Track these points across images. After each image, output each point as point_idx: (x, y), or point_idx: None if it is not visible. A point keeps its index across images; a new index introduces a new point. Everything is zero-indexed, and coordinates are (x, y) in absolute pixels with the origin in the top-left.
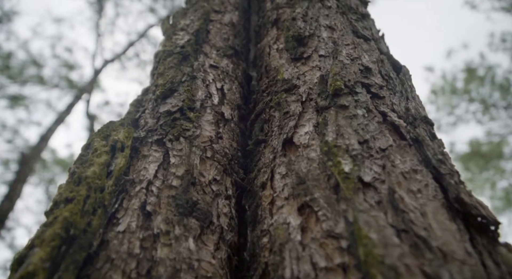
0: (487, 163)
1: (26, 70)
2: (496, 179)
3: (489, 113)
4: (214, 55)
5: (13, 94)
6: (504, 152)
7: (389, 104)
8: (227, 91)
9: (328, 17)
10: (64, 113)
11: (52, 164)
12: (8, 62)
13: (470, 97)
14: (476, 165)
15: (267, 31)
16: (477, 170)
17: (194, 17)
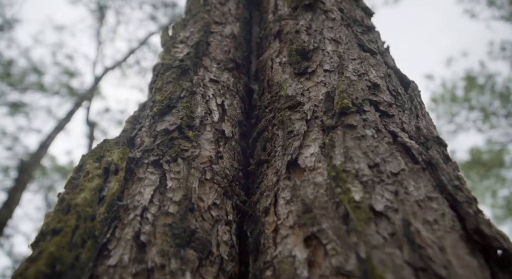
0: (488, 171)
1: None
2: (497, 188)
3: (490, 121)
4: (215, 69)
5: (14, 101)
6: (505, 160)
7: (398, 122)
8: (228, 106)
9: (333, 29)
10: (64, 120)
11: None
12: (9, 69)
13: (470, 105)
14: (477, 174)
15: (269, 43)
16: (478, 178)
17: (194, 29)
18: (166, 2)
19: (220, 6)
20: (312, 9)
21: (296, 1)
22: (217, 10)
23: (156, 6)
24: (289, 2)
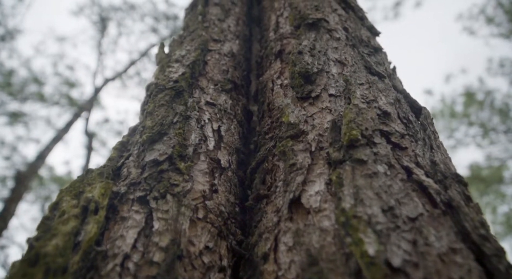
0: (488, 187)
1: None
2: (497, 204)
3: (489, 137)
4: (211, 90)
5: (13, 111)
6: (505, 176)
7: (412, 156)
8: (225, 132)
9: (337, 50)
10: (63, 131)
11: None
12: (10, 79)
13: (470, 121)
14: (476, 190)
15: (270, 63)
16: (478, 194)
17: (191, 47)
18: (167, 14)
19: (219, 22)
20: (316, 28)
21: (299, 19)
22: (216, 27)
23: (157, 19)
24: (291, 20)
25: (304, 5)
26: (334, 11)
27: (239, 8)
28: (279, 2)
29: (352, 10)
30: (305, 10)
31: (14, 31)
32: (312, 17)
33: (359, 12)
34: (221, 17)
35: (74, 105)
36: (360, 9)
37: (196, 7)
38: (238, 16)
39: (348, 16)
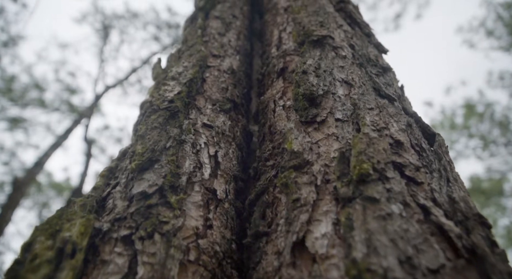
0: (488, 200)
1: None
2: (497, 217)
3: (489, 149)
4: (209, 111)
5: (13, 117)
6: (505, 189)
7: (428, 191)
8: (222, 158)
9: (344, 69)
10: (62, 138)
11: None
12: (11, 85)
13: (470, 133)
14: (477, 202)
15: (271, 81)
16: (478, 207)
17: (189, 63)
18: (169, 23)
19: (219, 37)
20: (321, 45)
21: (303, 36)
22: (216, 42)
23: (159, 27)
24: (294, 36)
25: (308, 20)
26: (339, 27)
27: (240, 22)
28: (282, 17)
29: (358, 26)
30: (309, 26)
31: (17, 37)
32: (317, 34)
33: (365, 28)
34: (222, 31)
35: (74, 112)
36: (366, 25)
37: (196, 20)
38: (239, 30)
39: (354, 33)
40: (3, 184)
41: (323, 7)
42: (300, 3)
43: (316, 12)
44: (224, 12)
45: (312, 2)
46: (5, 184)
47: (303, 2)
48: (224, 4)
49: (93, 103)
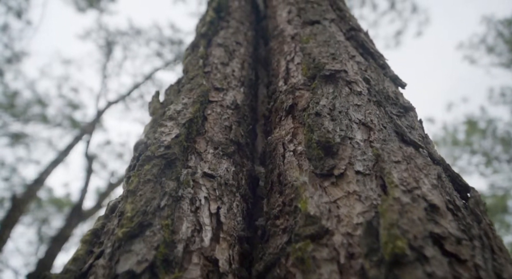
0: (492, 217)
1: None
2: (502, 234)
3: (492, 166)
4: (210, 156)
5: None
6: (509, 206)
7: (472, 269)
8: (225, 215)
9: (360, 108)
10: (62, 154)
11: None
12: (13, 100)
13: (472, 149)
14: None
15: (279, 119)
16: None
17: (189, 99)
18: (172, 39)
19: (222, 67)
20: (334, 80)
21: (313, 69)
22: (218, 73)
23: (162, 43)
24: (304, 69)
25: (319, 51)
26: (352, 58)
27: (244, 49)
28: (289, 46)
29: (372, 57)
30: (320, 58)
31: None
32: (330, 68)
33: (379, 59)
34: (225, 60)
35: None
36: (380, 55)
37: (197, 47)
38: (243, 58)
39: (368, 65)
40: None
41: (333, 36)
42: (308, 31)
43: (327, 42)
44: (228, 39)
45: (321, 30)
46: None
47: (311, 30)
48: (228, 30)
49: (95, 119)
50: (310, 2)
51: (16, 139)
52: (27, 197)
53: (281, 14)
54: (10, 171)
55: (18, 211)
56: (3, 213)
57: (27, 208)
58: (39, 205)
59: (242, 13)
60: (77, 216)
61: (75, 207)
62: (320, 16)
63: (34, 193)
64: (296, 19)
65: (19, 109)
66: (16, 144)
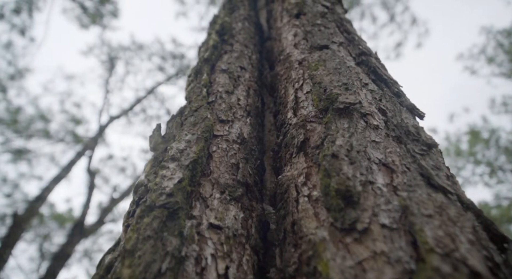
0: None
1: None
2: None
3: (497, 176)
4: (217, 202)
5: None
6: None
7: None
8: (234, 276)
9: (379, 145)
10: (64, 171)
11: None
12: (16, 116)
13: (476, 160)
14: None
15: (290, 156)
16: None
17: (192, 135)
18: (174, 54)
19: (226, 96)
20: (348, 114)
21: (325, 101)
22: (223, 103)
23: (164, 58)
24: (315, 101)
25: (329, 80)
26: (364, 87)
27: (249, 74)
28: (297, 72)
29: (385, 84)
30: (332, 88)
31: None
32: (344, 101)
33: (393, 86)
34: (229, 88)
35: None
36: (394, 82)
37: (200, 74)
38: (249, 84)
39: (382, 93)
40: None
41: (343, 62)
42: (316, 56)
43: (337, 69)
44: (232, 64)
45: (330, 55)
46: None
47: (320, 56)
48: (231, 54)
49: (97, 134)
50: (317, 25)
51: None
52: (28, 214)
53: (287, 37)
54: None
55: (19, 229)
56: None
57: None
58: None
59: (246, 35)
60: (78, 234)
61: (77, 224)
62: (328, 40)
63: (36, 210)
64: (303, 43)
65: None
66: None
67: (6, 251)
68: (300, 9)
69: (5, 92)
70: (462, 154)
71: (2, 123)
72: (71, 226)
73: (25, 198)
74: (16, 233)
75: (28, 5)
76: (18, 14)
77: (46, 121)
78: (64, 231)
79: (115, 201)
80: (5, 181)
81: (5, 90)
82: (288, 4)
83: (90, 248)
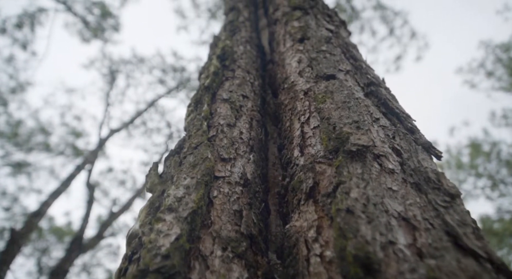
0: (501, 241)
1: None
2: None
3: (498, 189)
4: (218, 262)
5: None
6: None
7: None
8: None
9: (397, 195)
10: (63, 185)
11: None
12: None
13: (477, 173)
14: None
15: (298, 202)
16: None
17: (192, 179)
18: (175, 67)
19: (228, 129)
20: (361, 157)
21: (335, 141)
22: (225, 138)
23: (165, 71)
24: (324, 140)
25: (339, 116)
26: (376, 122)
27: (252, 102)
28: (302, 104)
29: (397, 118)
30: (341, 125)
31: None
32: (355, 143)
33: (406, 121)
34: (231, 120)
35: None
36: (407, 116)
37: (201, 104)
38: (251, 114)
39: (395, 130)
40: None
41: (351, 93)
42: (323, 87)
43: (346, 102)
44: (234, 93)
45: (338, 87)
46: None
47: (327, 86)
48: (233, 81)
49: (97, 147)
50: (322, 51)
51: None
52: (26, 230)
53: (291, 63)
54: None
55: (16, 246)
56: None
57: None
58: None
59: (248, 60)
60: (77, 249)
61: (75, 239)
62: (334, 68)
63: (34, 226)
64: (308, 71)
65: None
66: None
67: (3, 268)
68: (304, 33)
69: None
70: (463, 167)
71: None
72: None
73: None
74: (13, 250)
75: (31, 19)
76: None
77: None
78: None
79: (114, 215)
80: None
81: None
82: (291, 27)
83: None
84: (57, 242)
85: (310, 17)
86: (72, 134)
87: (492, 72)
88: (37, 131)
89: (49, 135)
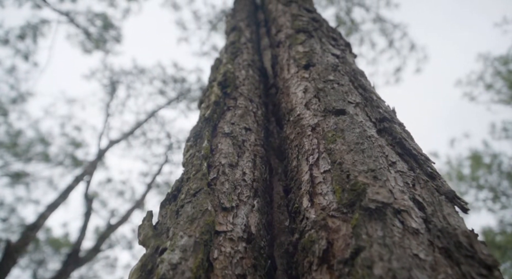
0: (504, 254)
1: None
2: None
3: (500, 201)
4: None
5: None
6: None
7: None
8: None
9: (425, 264)
10: (61, 197)
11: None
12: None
13: (479, 185)
14: None
15: (310, 266)
16: None
17: (189, 238)
18: (175, 77)
19: (230, 170)
20: (381, 215)
21: (350, 193)
22: (226, 181)
23: (166, 82)
24: (338, 191)
25: (352, 161)
26: (392, 167)
27: (255, 135)
28: (310, 141)
29: (415, 161)
30: (356, 174)
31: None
32: (374, 199)
33: (425, 164)
34: (233, 159)
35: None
36: (425, 159)
37: (200, 139)
38: (255, 149)
39: (415, 176)
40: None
41: (363, 131)
42: (332, 123)
43: (359, 144)
44: (236, 126)
45: (348, 124)
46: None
47: (336, 123)
48: (235, 112)
49: (96, 158)
50: (330, 81)
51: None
52: (22, 243)
53: (296, 93)
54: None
55: (11, 260)
56: None
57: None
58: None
59: (251, 86)
60: (73, 262)
61: (72, 253)
62: (343, 101)
63: (30, 239)
64: (315, 102)
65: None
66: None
67: None
68: (309, 59)
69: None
70: (465, 178)
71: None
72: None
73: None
74: (8, 264)
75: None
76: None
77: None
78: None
79: (112, 228)
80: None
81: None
82: (295, 52)
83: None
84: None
85: (315, 41)
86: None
87: (491, 84)
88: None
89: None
